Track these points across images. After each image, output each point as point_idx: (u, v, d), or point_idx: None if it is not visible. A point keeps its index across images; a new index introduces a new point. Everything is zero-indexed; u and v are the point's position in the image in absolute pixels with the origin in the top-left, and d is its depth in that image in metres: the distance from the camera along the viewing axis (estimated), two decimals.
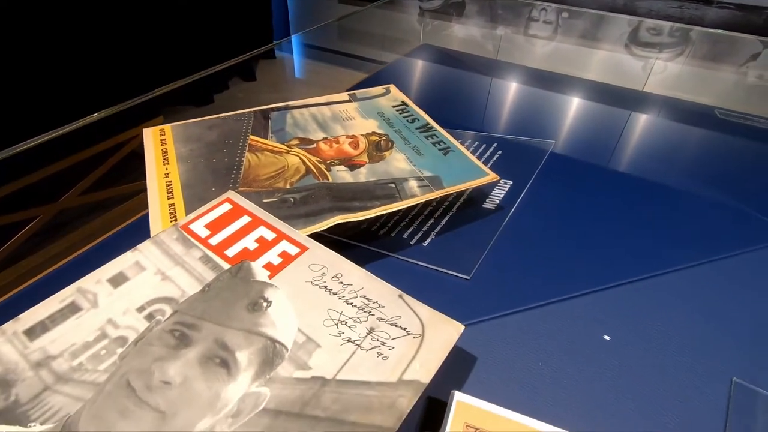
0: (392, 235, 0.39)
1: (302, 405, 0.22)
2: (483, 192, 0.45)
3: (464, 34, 1.21)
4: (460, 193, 0.43)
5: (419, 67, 0.77)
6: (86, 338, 0.24)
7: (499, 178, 0.40)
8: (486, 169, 0.40)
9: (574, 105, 0.66)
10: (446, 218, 0.41)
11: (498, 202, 0.44)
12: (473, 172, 0.40)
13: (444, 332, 0.26)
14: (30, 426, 0.21)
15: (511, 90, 0.71)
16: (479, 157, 0.49)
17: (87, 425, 0.21)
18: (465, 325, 0.26)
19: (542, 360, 0.30)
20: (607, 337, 0.31)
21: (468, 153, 0.43)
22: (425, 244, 0.39)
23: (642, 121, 0.62)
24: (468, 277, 0.36)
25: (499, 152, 0.52)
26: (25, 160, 0.46)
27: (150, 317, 0.26)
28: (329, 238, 0.36)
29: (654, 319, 0.33)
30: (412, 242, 0.39)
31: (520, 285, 0.35)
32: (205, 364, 0.23)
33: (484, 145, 0.53)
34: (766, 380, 0.29)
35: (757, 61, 1.16)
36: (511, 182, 0.47)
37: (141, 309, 0.26)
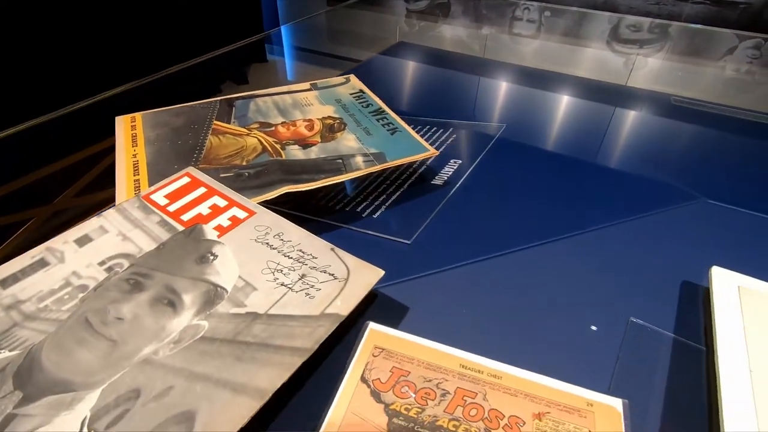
0: (347, 209, 0.43)
1: (235, 334, 0.25)
2: (433, 170, 0.49)
3: (450, 34, 1.24)
4: (412, 171, 0.47)
5: (393, 63, 0.80)
6: (52, 286, 0.28)
7: (437, 152, 0.44)
8: (427, 146, 0.44)
9: (526, 93, 0.70)
10: (397, 194, 0.45)
11: (446, 178, 0.48)
12: (415, 148, 0.44)
13: (365, 276, 0.29)
14: None
15: (475, 82, 0.74)
16: (436, 140, 0.53)
17: (49, 352, 0.24)
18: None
19: (465, 307, 0.34)
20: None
21: (413, 133, 0.46)
22: (375, 216, 0.42)
23: (585, 107, 0.66)
24: (408, 242, 0.40)
25: (454, 136, 0.56)
26: (19, 161, 0.49)
27: (109, 270, 0.29)
28: (293, 215, 0.39)
29: (567, 272, 0.37)
30: (364, 215, 0.42)
31: (453, 247, 0.39)
32: (154, 305, 0.27)
33: (441, 130, 0.57)
34: (656, 320, 0.33)
35: (733, 55, 1.20)
36: (460, 161, 0.51)
37: (102, 263, 0.30)
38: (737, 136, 0.61)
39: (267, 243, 0.31)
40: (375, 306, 0.33)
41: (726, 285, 0.29)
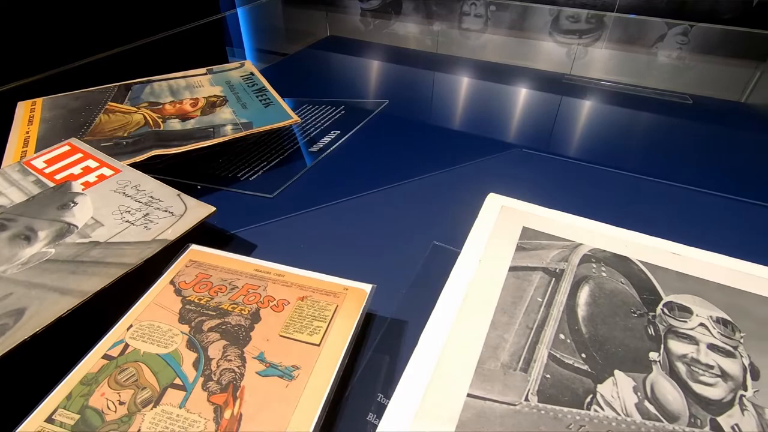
0: (230, 175, 0.48)
1: (75, 256, 0.31)
2: (313, 140, 0.54)
3: (403, 31, 1.29)
4: (294, 142, 0.53)
5: (316, 55, 0.86)
6: None
7: (299, 120, 0.50)
8: (293, 115, 0.50)
9: (411, 74, 0.77)
10: (277, 160, 0.51)
11: (322, 146, 0.54)
12: (282, 117, 0.49)
13: (198, 213, 0.35)
14: None
15: (380, 68, 0.81)
16: (327, 116, 0.59)
17: None
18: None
19: (303, 243, 0.40)
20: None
21: (285, 106, 0.52)
22: (252, 179, 0.48)
23: (466, 84, 0.73)
24: (271, 196, 0.45)
25: (343, 112, 0.62)
26: None
27: None
28: (184, 183, 0.45)
29: (395, 210, 0.43)
30: (242, 178, 0.48)
31: (306, 199, 0.45)
32: (13, 239, 0.32)
33: (333, 108, 0.63)
34: (455, 242, 0.39)
35: (664, 42, 1.28)
36: (338, 131, 0.57)
37: None
38: (589, 101, 0.69)
39: (124, 193, 0.37)
40: (224, 241, 0.39)
41: (493, 205, 0.36)
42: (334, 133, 0.56)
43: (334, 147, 0.53)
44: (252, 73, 0.60)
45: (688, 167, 0.51)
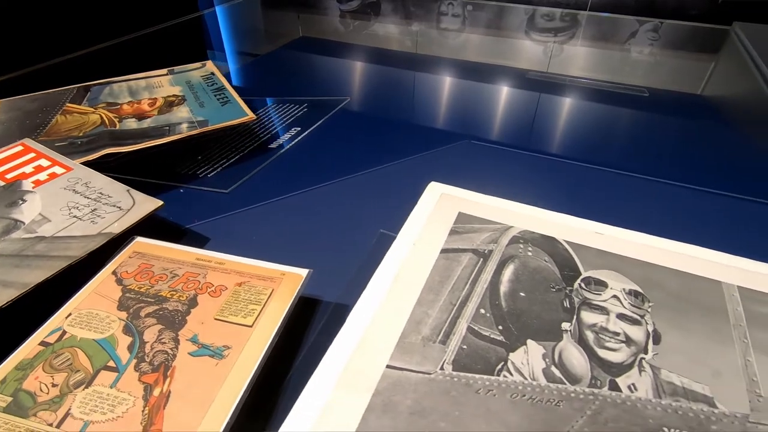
0: (189, 173, 0.49)
1: (20, 251, 0.31)
2: (274, 137, 0.55)
3: (383, 31, 1.30)
4: (255, 139, 0.54)
5: (287, 55, 0.87)
6: None
7: (254, 117, 0.51)
8: (249, 112, 0.51)
9: (375, 71, 0.78)
10: (236, 157, 0.52)
11: (281, 143, 0.55)
12: (237, 115, 0.50)
13: (145, 207, 0.36)
14: None
15: (346, 66, 0.82)
16: (289, 114, 0.60)
17: None
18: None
19: (255, 235, 0.41)
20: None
21: (243, 104, 0.53)
22: (210, 175, 0.49)
23: (425, 79, 0.75)
24: (226, 191, 0.46)
25: (306, 109, 0.63)
26: None
27: None
28: (143, 181, 0.45)
29: (346, 201, 0.44)
30: (201, 176, 0.49)
31: (260, 192, 0.46)
32: None
33: (297, 106, 0.64)
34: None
35: (636, 38, 1.32)
36: (299, 128, 0.58)
37: None
38: (545, 95, 0.71)
39: (74, 190, 0.38)
40: (179, 235, 0.39)
41: (434, 192, 0.37)
42: (295, 130, 0.57)
43: (292, 143, 0.54)
44: (212, 73, 0.60)
45: (630, 155, 0.54)
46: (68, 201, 0.36)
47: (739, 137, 0.61)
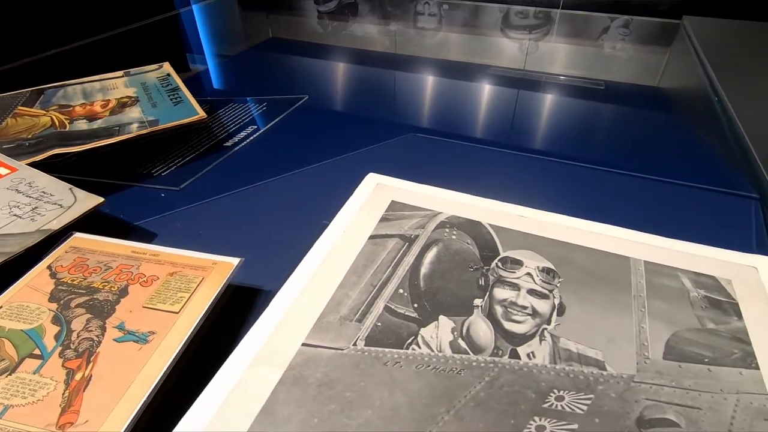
0: (144, 172, 0.50)
1: None
2: (230, 136, 0.56)
3: (361, 32, 1.31)
4: (212, 137, 0.54)
5: (255, 56, 0.88)
6: None
7: (205, 116, 0.51)
8: (201, 111, 0.52)
9: (337, 69, 0.80)
10: (191, 156, 0.52)
11: (236, 141, 0.56)
12: (188, 114, 0.51)
13: (86, 204, 0.36)
14: None
15: (308, 65, 0.83)
16: (248, 113, 0.61)
17: None
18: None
19: (202, 230, 0.42)
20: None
21: (195, 104, 0.53)
22: (164, 174, 0.49)
23: (383, 77, 0.76)
24: (177, 188, 0.47)
25: (264, 108, 0.64)
26: None
27: None
28: (102, 183, 0.46)
29: (293, 195, 0.45)
30: (156, 175, 0.49)
31: (210, 188, 0.47)
32: None
33: (256, 105, 0.65)
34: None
35: (608, 34, 1.34)
36: (255, 127, 0.59)
37: None
38: (490, 86, 0.72)
39: (16, 189, 0.38)
40: (126, 232, 0.40)
41: (370, 183, 0.39)
42: (251, 128, 0.58)
43: (247, 141, 0.55)
44: (169, 74, 0.61)
45: (573, 146, 0.55)
46: (9, 200, 0.37)
47: (679, 125, 0.63)
